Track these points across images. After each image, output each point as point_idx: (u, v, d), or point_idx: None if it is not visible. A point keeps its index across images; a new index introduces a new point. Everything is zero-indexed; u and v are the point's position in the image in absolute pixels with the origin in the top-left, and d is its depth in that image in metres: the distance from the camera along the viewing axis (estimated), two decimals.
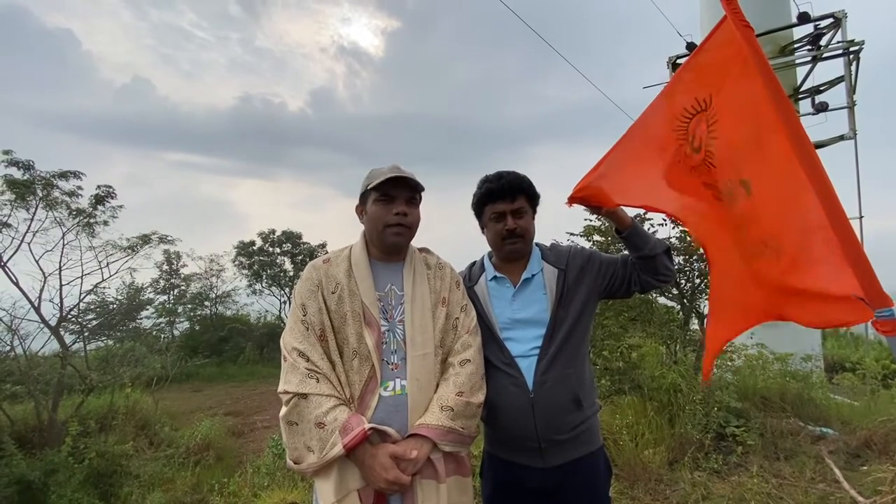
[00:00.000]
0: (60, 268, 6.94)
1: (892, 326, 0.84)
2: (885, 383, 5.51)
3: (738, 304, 1.32)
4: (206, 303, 16.58)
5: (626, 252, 1.59)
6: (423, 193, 1.49)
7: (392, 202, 1.41)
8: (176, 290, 16.12)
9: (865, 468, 3.10)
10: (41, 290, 6.66)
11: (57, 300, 6.88)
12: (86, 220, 7.17)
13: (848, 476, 3.01)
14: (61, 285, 6.93)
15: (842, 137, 9.60)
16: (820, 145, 10.04)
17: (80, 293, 7.35)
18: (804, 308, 1.05)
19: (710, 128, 1.18)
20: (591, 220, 5.11)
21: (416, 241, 1.55)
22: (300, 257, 17.36)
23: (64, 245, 6.99)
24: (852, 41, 9.44)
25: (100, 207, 7.31)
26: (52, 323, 6.71)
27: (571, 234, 5.29)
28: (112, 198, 7.41)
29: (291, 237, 17.77)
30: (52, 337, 6.70)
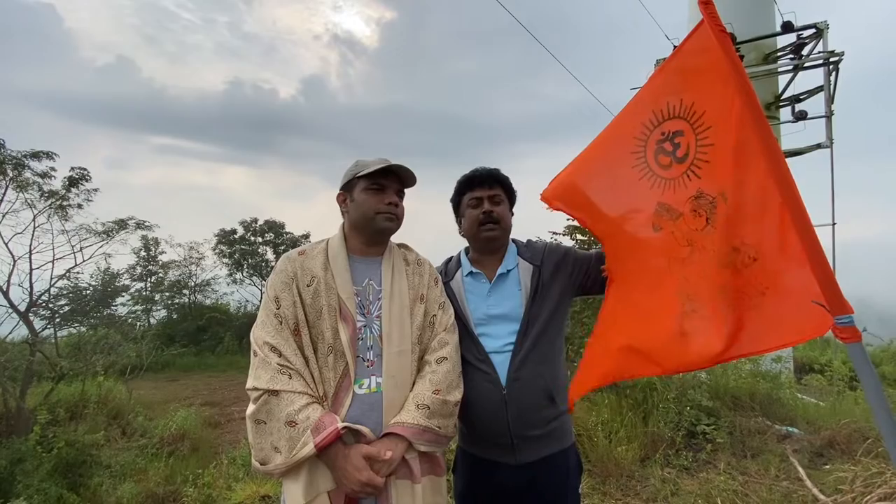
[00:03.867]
0: (31, 251, 6.74)
1: (850, 333, 0.86)
2: (851, 385, 5.71)
3: (624, 352, 1.31)
4: (185, 291, 16.27)
5: (600, 248, 1.61)
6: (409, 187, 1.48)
7: (383, 191, 1.41)
8: (153, 278, 15.77)
9: (828, 467, 3.21)
10: (10, 274, 6.47)
11: (27, 284, 6.68)
12: (58, 203, 6.96)
13: (811, 474, 3.11)
14: (31, 269, 6.74)
15: (819, 146, 9.87)
16: (798, 152, 10.30)
17: (52, 278, 7.15)
18: (759, 332, 1.05)
19: (701, 135, 1.16)
20: (571, 220, 5.16)
21: (398, 236, 1.53)
22: (282, 247, 17.14)
23: (35, 228, 6.78)
24: (833, 52, 9.68)
25: (73, 190, 7.10)
26: (22, 308, 6.51)
27: (555, 233, 5.34)
28: (86, 180, 7.21)
29: (274, 226, 17.53)
30: (21, 322, 6.50)
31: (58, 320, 8.03)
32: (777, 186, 0.94)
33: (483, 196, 1.58)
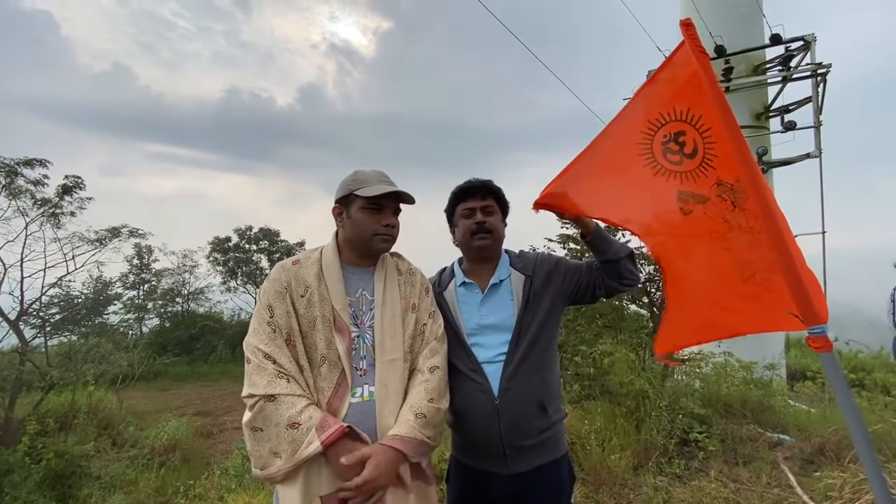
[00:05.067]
0: (22, 259, 6.70)
1: (822, 343, 0.89)
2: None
3: (697, 315, 1.37)
4: (178, 299, 16.19)
5: (591, 258, 1.64)
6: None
7: (381, 212, 1.42)
8: (146, 286, 15.69)
9: (818, 474, 3.23)
10: (0, 282, 6.41)
11: (17, 293, 6.63)
12: (51, 211, 6.93)
13: (801, 481, 3.13)
14: (22, 277, 6.71)
15: (808, 155, 10.03)
16: (787, 162, 10.47)
17: (43, 286, 7.11)
18: (753, 316, 1.09)
19: (705, 134, 1.23)
20: (565, 228, 5.21)
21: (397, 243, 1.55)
22: (277, 255, 17.12)
23: (27, 236, 6.75)
24: (820, 64, 9.89)
25: (66, 198, 7.09)
26: (12, 316, 6.45)
27: (549, 239, 5.38)
28: (80, 188, 7.20)
29: (269, 234, 17.51)
30: (11, 331, 6.44)
31: (48, 329, 7.96)
32: (757, 201, 0.98)
33: (476, 207, 1.62)
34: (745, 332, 1.24)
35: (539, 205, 1.53)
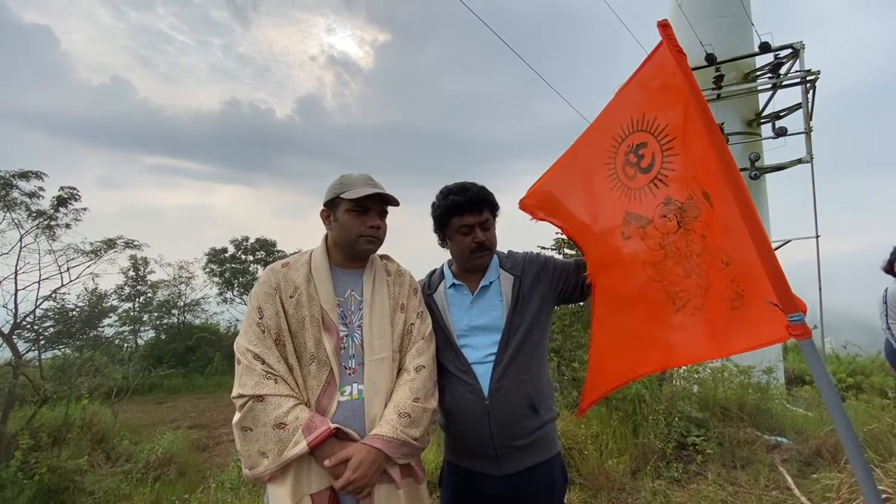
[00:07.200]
0: (16, 272, 6.66)
1: (802, 330, 0.91)
2: (841, 395, 5.75)
3: (623, 353, 1.35)
4: (174, 311, 16.07)
5: (579, 257, 1.65)
6: (403, 204, 1.52)
7: (366, 213, 1.43)
8: (142, 298, 15.57)
9: (816, 476, 3.22)
10: None
11: (11, 306, 6.59)
12: (46, 223, 6.92)
13: (799, 483, 3.13)
14: (16, 290, 6.65)
15: (800, 160, 10.16)
16: (780, 167, 10.59)
17: (37, 299, 7.06)
18: (680, 347, 1.09)
19: (666, 146, 1.20)
20: (560, 234, 5.24)
21: (395, 252, 1.60)
22: None
23: (21, 248, 6.72)
24: (809, 71, 10.06)
25: (62, 209, 7.08)
26: (5, 330, 6.40)
27: (542, 247, 5.40)
28: (76, 200, 7.20)
29: (265, 245, 17.48)
30: (5, 344, 6.39)
31: (42, 342, 7.89)
32: (732, 193, 1.00)
33: (475, 223, 1.57)
34: (672, 366, 1.25)
35: (524, 204, 1.55)
